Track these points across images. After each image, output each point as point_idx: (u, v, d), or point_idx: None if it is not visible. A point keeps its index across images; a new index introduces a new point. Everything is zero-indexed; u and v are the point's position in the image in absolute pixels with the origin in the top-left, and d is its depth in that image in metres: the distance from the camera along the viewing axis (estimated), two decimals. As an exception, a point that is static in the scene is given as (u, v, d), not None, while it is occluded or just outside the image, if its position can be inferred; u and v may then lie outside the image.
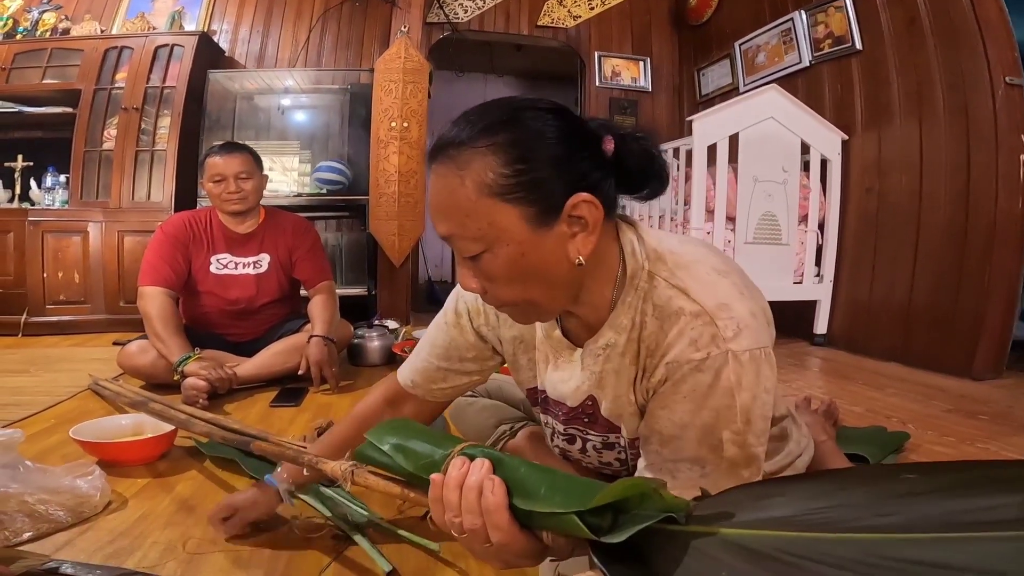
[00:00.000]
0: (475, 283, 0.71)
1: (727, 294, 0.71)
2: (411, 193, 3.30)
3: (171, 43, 3.52)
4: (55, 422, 1.67)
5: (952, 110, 2.48)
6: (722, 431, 0.69)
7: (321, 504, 1.14)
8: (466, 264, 0.70)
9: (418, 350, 1.01)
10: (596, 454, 0.88)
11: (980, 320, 2.39)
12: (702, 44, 4.15)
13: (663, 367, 0.72)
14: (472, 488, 0.55)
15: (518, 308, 0.73)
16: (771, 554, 0.38)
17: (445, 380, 0.99)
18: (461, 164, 0.65)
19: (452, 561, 0.99)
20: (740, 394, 0.68)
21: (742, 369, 0.68)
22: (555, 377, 0.86)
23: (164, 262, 2.05)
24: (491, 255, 0.67)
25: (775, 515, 0.40)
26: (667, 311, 0.72)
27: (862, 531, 0.34)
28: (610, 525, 0.46)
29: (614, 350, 0.77)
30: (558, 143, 0.67)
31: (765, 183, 2.81)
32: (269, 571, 0.95)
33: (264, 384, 2.10)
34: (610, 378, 0.79)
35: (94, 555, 0.98)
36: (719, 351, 0.68)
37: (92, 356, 2.60)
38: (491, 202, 0.64)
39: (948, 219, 2.51)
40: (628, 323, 0.75)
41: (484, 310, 0.93)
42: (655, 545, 0.45)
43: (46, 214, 3.32)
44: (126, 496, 1.21)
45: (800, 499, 0.40)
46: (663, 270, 0.74)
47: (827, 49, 3.04)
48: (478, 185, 0.64)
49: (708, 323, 0.69)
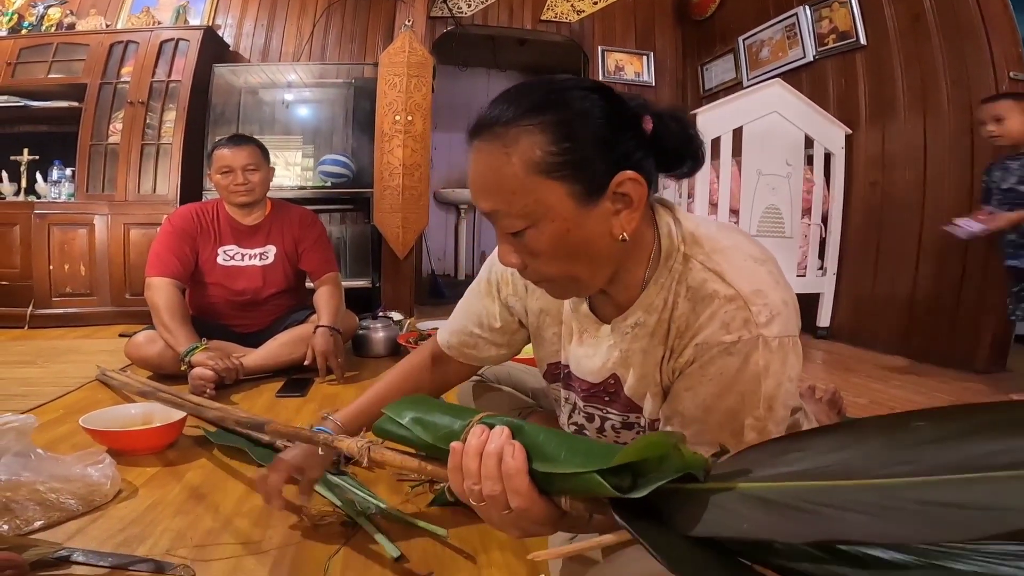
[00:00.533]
0: (516, 259, 0.71)
1: (763, 281, 0.71)
2: (415, 186, 3.31)
3: (176, 37, 3.52)
4: (64, 412, 1.69)
5: (956, 105, 2.49)
6: (745, 416, 0.69)
7: (329, 492, 1.16)
8: (507, 240, 0.71)
9: (456, 313, 1.04)
10: (614, 434, 0.88)
11: (983, 313, 2.41)
12: (705, 39, 4.15)
13: (692, 348, 0.72)
14: (492, 454, 0.56)
15: (556, 283, 0.74)
16: (791, 504, 0.38)
17: (476, 348, 1.01)
18: (508, 142, 0.65)
19: (460, 547, 1.00)
20: (766, 380, 0.69)
21: (771, 355, 0.69)
22: (579, 352, 0.86)
23: (171, 253, 2.06)
24: (536, 231, 0.67)
25: (794, 469, 0.40)
26: (701, 293, 0.72)
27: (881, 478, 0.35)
28: (630, 486, 0.47)
29: (643, 329, 0.78)
30: (603, 122, 0.67)
31: (769, 176, 2.82)
32: (278, 558, 0.96)
33: (270, 375, 2.11)
34: (636, 357, 0.79)
35: (105, 543, 0.99)
36: (750, 335, 0.68)
37: (99, 348, 2.61)
38: (538, 179, 0.65)
39: (952, 213, 2.50)
40: (660, 303, 0.76)
41: (512, 280, 0.94)
42: (674, 504, 0.45)
43: (52, 207, 3.33)
44: (136, 485, 1.22)
45: (817, 452, 0.40)
46: (699, 253, 0.74)
47: (831, 44, 3.04)
48: (525, 163, 0.65)
49: (742, 307, 0.69)
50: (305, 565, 0.95)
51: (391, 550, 0.96)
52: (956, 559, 0.34)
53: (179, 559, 0.94)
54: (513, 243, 0.70)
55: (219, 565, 0.94)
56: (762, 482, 0.41)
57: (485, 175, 0.68)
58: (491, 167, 0.67)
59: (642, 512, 0.45)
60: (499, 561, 0.97)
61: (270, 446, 1.33)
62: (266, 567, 0.94)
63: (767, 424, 0.70)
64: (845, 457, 0.38)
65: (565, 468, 0.51)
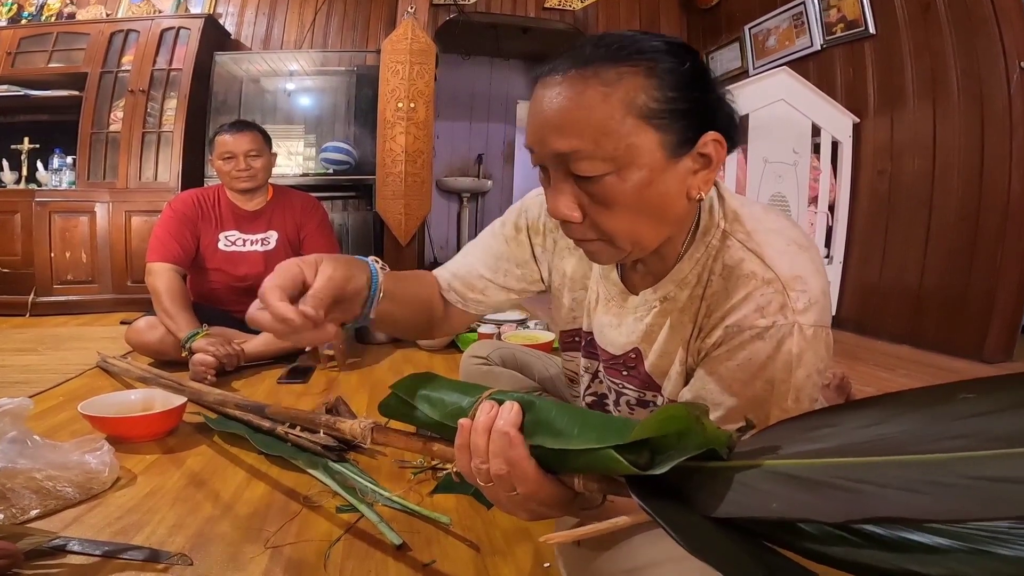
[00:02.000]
0: (576, 211, 0.65)
1: (804, 267, 0.68)
2: (418, 173, 3.30)
3: (177, 26, 3.50)
4: (64, 399, 1.68)
5: (966, 94, 2.46)
6: (771, 407, 0.66)
7: (331, 479, 1.14)
8: (570, 188, 0.65)
9: (463, 255, 0.97)
10: (628, 410, 0.86)
11: (991, 303, 2.38)
12: (711, 28, 4.10)
13: (721, 329, 0.69)
14: (500, 431, 0.53)
15: (609, 243, 0.68)
16: (826, 480, 0.36)
17: (484, 292, 0.94)
18: (608, 80, 0.61)
19: (462, 534, 0.99)
20: (797, 370, 0.65)
21: (806, 344, 0.66)
22: (604, 320, 0.84)
23: (172, 238, 2.05)
24: (617, 178, 0.63)
25: (827, 445, 0.37)
26: (737, 272, 0.69)
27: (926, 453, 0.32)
28: (647, 463, 0.44)
29: (673, 304, 0.76)
30: (702, 80, 0.65)
31: (775, 164, 2.79)
32: (278, 546, 0.95)
33: (272, 361, 2.10)
34: (662, 333, 0.77)
35: (102, 531, 0.98)
36: (786, 321, 0.65)
37: (100, 335, 2.60)
38: (636, 123, 0.61)
39: (960, 202, 2.49)
40: (693, 279, 0.74)
41: (545, 232, 0.91)
42: (695, 482, 0.43)
43: (53, 195, 3.32)
44: (135, 472, 1.21)
45: (853, 427, 0.37)
46: (740, 232, 0.72)
47: (839, 33, 3.00)
48: (626, 104, 0.61)
49: (780, 291, 0.66)
50: (305, 553, 0.93)
51: (393, 538, 0.95)
52: (1002, 543, 0.32)
53: (177, 547, 0.93)
54: (576, 192, 0.65)
55: (218, 554, 0.92)
56: (793, 459, 0.38)
57: (570, 111, 0.62)
58: (580, 104, 0.61)
59: (661, 491, 0.42)
60: (503, 549, 0.95)
61: (271, 432, 1.31)
62: (266, 555, 0.92)
63: (780, 415, 0.67)
64: (884, 432, 0.35)
65: (578, 444, 0.48)
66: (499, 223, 0.96)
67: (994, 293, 2.37)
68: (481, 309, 0.95)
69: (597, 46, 0.63)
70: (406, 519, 1.03)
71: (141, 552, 0.91)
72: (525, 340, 2.27)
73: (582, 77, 0.62)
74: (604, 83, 0.61)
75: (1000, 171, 2.34)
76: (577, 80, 0.62)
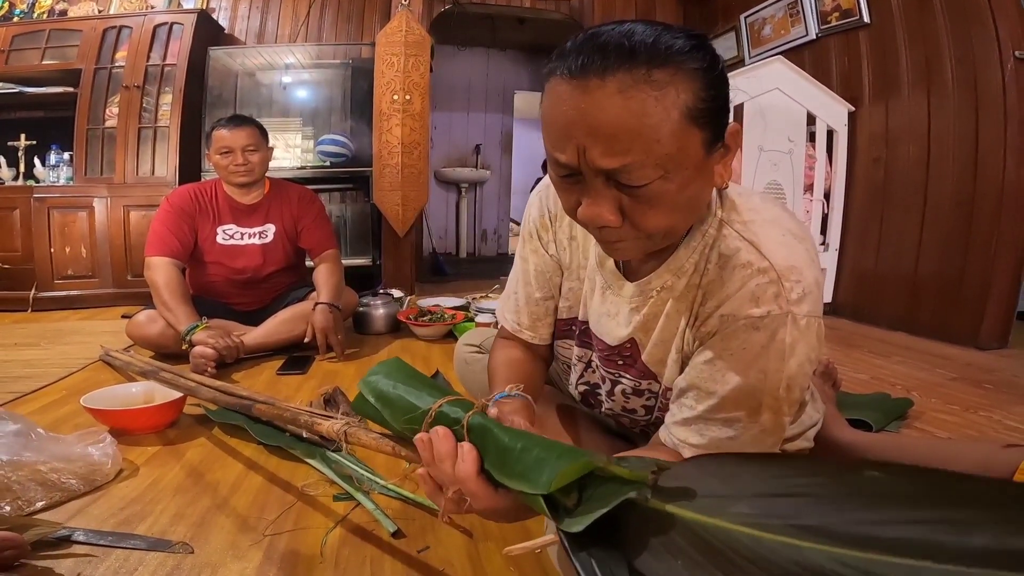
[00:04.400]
0: (617, 216, 0.63)
1: (799, 258, 0.69)
2: (414, 164, 3.31)
3: (170, 21, 3.50)
4: (67, 393, 1.70)
5: (961, 83, 2.47)
6: (764, 395, 0.68)
7: (328, 468, 1.16)
8: (611, 195, 0.62)
9: (510, 295, 0.99)
10: (623, 399, 0.87)
11: (986, 289, 2.40)
12: (707, 16, 4.09)
13: (717, 318, 0.70)
14: (461, 480, 0.57)
15: (645, 240, 0.66)
16: (724, 552, 0.37)
17: (548, 313, 0.96)
18: (659, 83, 0.57)
19: (456, 521, 1.01)
20: (790, 360, 0.67)
21: (799, 334, 0.66)
22: (600, 309, 0.85)
23: (170, 232, 2.06)
24: (665, 181, 0.60)
25: (734, 508, 0.39)
26: (733, 262, 0.70)
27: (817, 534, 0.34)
28: (577, 500, 0.47)
29: (670, 293, 0.77)
30: (727, 75, 0.64)
31: (770, 152, 2.80)
32: (276, 534, 0.97)
33: (271, 352, 2.12)
34: (658, 322, 0.78)
35: (106, 522, 1.00)
36: (780, 311, 0.66)
37: (101, 329, 2.62)
38: (686, 125, 0.58)
39: (955, 189, 2.50)
40: (690, 267, 0.75)
41: (552, 227, 0.92)
42: (623, 519, 0.44)
43: (51, 191, 3.33)
44: (137, 464, 1.23)
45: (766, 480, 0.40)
46: (736, 221, 0.72)
47: (834, 22, 3.00)
48: (678, 107, 0.58)
49: (774, 281, 0.67)
50: (303, 541, 0.95)
51: (388, 525, 0.97)
52: None
53: (178, 536, 0.95)
54: (617, 197, 0.62)
55: (218, 542, 0.94)
56: (704, 515, 0.40)
57: (622, 121, 0.57)
58: (632, 112, 0.56)
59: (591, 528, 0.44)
60: (496, 535, 0.97)
61: (269, 423, 1.34)
62: (264, 543, 0.94)
63: (783, 405, 0.69)
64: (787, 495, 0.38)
65: (516, 486, 0.51)
66: (519, 252, 0.97)
67: (989, 280, 2.39)
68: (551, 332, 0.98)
69: (631, 44, 0.57)
70: (401, 507, 1.05)
71: (144, 541, 0.93)
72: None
73: (632, 82, 0.56)
74: (654, 87, 0.57)
75: (994, 158, 2.36)
76: (627, 85, 0.57)
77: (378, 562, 0.90)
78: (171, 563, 0.88)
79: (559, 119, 0.60)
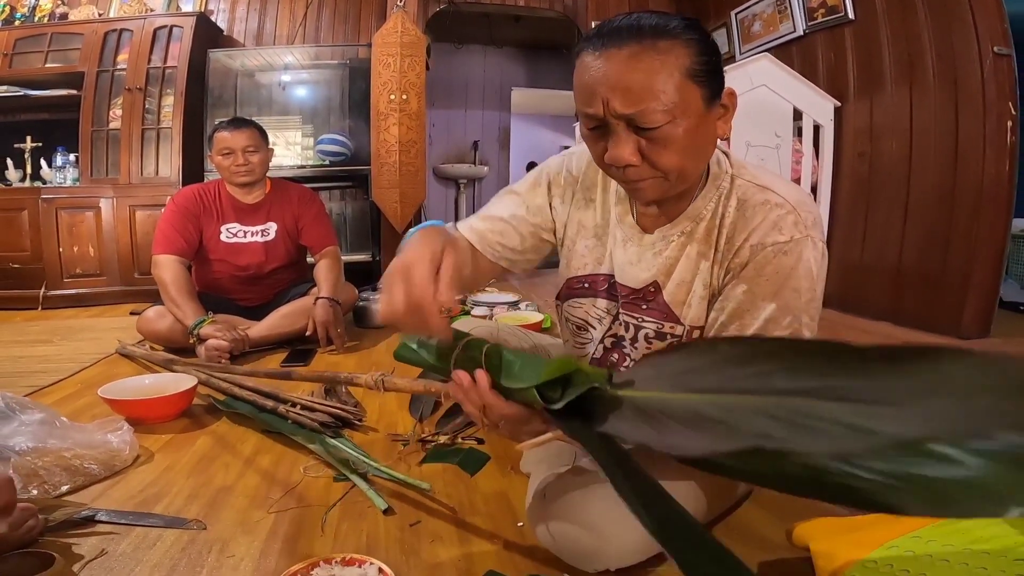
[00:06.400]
0: (636, 156, 0.78)
1: (805, 196, 0.85)
2: (412, 162, 3.38)
3: (169, 24, 3.56)
4: (82, 386, 1.78)
5: (942, 78, 2.51)
6: (801, 313, 0.81)
7: (327, 453, 1.25)
8: (631, 139, 0.78)
9: (487, 207, 1.09)
10: (646, 344, 0.97)
11: (967, 280, 2.45)
12: (699, 12, 4.13)
13: (747, 249, 0.83)
14: (481, 397, 0.72)
15: (661, 179, 0.81)
16: (649, 411, 0.55)
17: (503, 235, 1.05)
18: (662, 49, 0.74)
19: (442, 499, 1.10)
20: (817, 284, 0.81)
21: (820, 256, 0.81)
22: (623, 259, 0.96)
23: (176, 231, 2.15)
24: (673, 125, 0.76)
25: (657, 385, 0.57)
26: (752, 202, 0.84)
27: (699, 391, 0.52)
28: (560, 393, 0.62)
29: (690, 237, 0.90)
30: (718, 49, 0.80)
31: (757, 148, 2.86)
32: (282, 512, 1.05)
33: (274, 345, 2.20)
34: (679, 264, 0.90)
35: (126, 503, 1.08)
36: (801, 235, 0.80)
37: (112, 325, 2.70)
38: (686, 81, 0.75)
39: (937, 182, 2.55)
40: (707, 213, 0.88)
41: (565, 184, 1.04)
42: (591, 405, 0.61)
43: (58, 192, 3.40)
44: (152, 450, 1.31)
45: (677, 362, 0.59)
46: (746, 175, 0.88)
47: (820, 18, 3.05)
48: (679, 67, 0.75)
49: (791, 211, 0.81)
50: (305, 517, 1.03)
51: (379, 503, 1.06)
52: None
53: (192, 514, 1.04)
54: (636, 140, 0.78)
55: (228, 519, 1.02)
56: (639, 392, 0.58)
57: (636, 75, 0.74)
58: (644, 68, 0.74)
59: (570, 413, 0.61)
60: (482, 511, 1.06)
61: (274, 412, 1.43)
62: (270, 519, 1.02)
63: (814, 324, 0.82)
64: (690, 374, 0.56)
65: (517, 384, 0.66)
66: (520, 182, 1.09)
67: (969, 271, 2.44)
68: (499, 253, 1.06)
69: (639, 24, 0.76)
70: (396, 488, 1.14)
71: (161, 519, 1.02)
72: (516, 321, 2.37)
73: (640, 49, 0.74)
74: (660, 52, 0.74)
75: (975, 152, 2.41)
76: (637, 51, 0.74)
77: (373, 536, 0.98)
78: (186, 538, 0.96)
79: (588, 81, 0.77)
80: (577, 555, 0.84)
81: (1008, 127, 2.35)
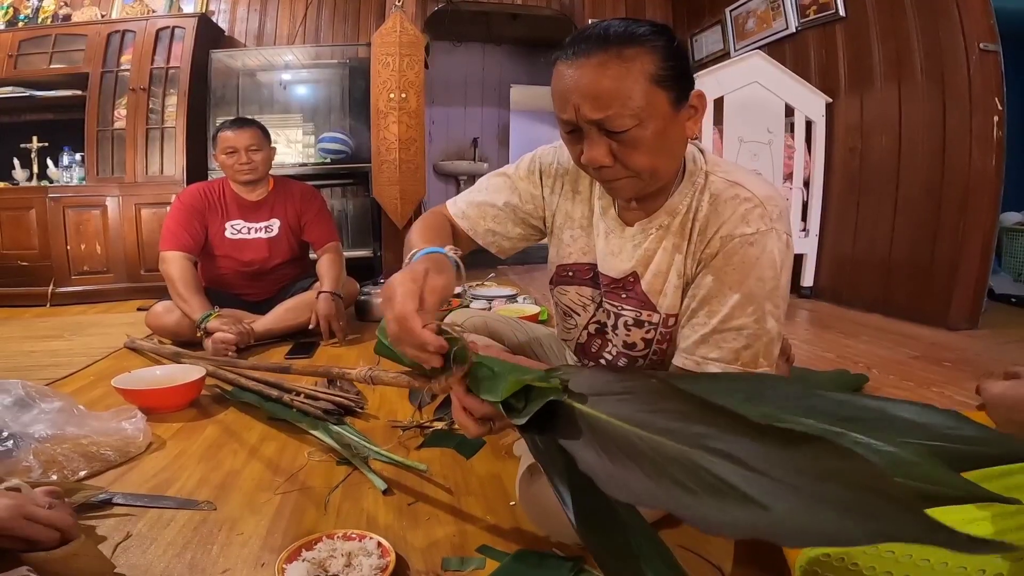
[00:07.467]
0: (609, 158, 0.84)
1: (773, 191, 0.90)
2: (411, 159, 3.44)
3: (171, 25, 3.60)
4: (95, 378, 1.85)
5: (930, 75, 2.56)
6: (764, 301, 0.86)
7: (329, 438, 1.32)
8: (603, 142, 0.83)
9: (476, 190, 1.13)
10: (625, 331, 1.03)
11: (954, 272, 2.50)
12: (695, 10, 4.18)
13: (717, 240, 0.89)
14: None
15: (634, 179, 0.86)
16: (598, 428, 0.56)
17: (496, 220, 1.11)
18: (628, 57, 0.79)
19: (439, 481, 1.16)
20: (777, 268, 0.86)
21: (784, 247, 0.87)
22: (606, 250, 1.03)
23: (182, 228, 2.21)
24: (642, 128, 0.81)
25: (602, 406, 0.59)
26: (723, 197, 0.90)
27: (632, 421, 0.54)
28: (524, 404, 0.66)
29: (666, 231, 0.95)
30: (684, 52, 0.86)
31: (750, 143, 2.91)
32: (287, 493, 1.12)
33: (278, 339, 2.27)
34: (656, 256, 0.96)
35: (141, 487, 1.14)
36: (767, 228, 0.86)
37: (120, 321, 2.77)
38: (651, 87, 0.80)
39: (926, 177, 2.60)
40: (683, 208, 0.94)
41: (556, 175, 1.09)
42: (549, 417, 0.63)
43: (65, 191, 3.46)
44: (164, 438, 1.37)
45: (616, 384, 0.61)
46: (720, 171, 0.93)
47: (812, 16, 3.10)
48: (644, 73, 0.80)
49: (758, 205, 0.87)
50: (309, 498, 1.10)
51: (379, 484, 1.12)
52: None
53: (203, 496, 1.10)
54: (608, 143, 0.83)
55: (237, 500, 1.09)
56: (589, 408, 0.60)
57: (603, 83, 0.80)
58: (610, 76, 0.79)
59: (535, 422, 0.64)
60: (476, 491, 1.12)
61: (279, 400, 1.49)
62: (276, 500, 1.09)
63: (780, 313, 0.88)
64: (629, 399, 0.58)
65: (486, 397, 0.70)
66: (512, 167, 1.13)
67: (957, 263, 2.49)
68: (489, 240, 1.12)
69: (607, 33, 0.81)
70: (395, 471, 1.20)
71: (174, 501, 1.08)
72: (514, 314, 2.43)
73: (607, 58, 0.79)
74: (625, 60, 0.79)
75: (961, 147, 2.45)
76: (601, 59, 0.80)
77: (373, 515, 1.04)
78: (198, 518, 1.02)
79: (561, 89, 0.84)
80: (559, 529, 0.90)
81: (995, 122, 2.40)
